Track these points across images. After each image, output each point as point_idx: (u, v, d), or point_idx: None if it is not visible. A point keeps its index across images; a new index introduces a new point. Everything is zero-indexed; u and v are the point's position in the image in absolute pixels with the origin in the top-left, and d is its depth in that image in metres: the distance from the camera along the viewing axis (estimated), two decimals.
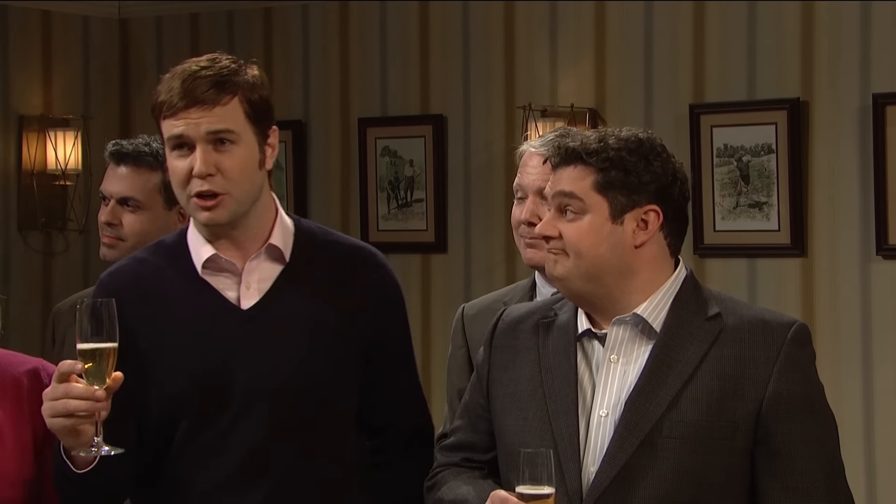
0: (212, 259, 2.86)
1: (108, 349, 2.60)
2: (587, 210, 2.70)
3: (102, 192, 3.68)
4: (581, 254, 2.70)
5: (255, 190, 2.85)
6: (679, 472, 2.61)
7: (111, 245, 3.64)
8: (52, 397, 2.60)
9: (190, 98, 2.78)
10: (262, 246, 2.87)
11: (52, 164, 7.19)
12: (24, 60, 7.22)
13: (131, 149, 3.65)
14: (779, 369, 2.66)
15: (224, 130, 2.79)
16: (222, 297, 2.85)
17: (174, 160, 2.83)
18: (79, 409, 2.58)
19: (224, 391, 2.81)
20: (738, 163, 6.06)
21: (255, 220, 2.87)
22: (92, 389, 2.58)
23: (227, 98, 2.79)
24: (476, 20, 6.71)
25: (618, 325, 2.72)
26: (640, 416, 2.64)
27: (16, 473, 2.81)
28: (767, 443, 2.64)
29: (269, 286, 2.86)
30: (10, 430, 2.82)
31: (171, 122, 2.81)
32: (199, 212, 2.81)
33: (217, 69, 2.80)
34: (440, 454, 2.90)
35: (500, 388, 2.81)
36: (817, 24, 5.92)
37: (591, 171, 2.71)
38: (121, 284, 2.88)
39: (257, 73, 2.86)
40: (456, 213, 6.77)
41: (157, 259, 2.91)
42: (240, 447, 2.80)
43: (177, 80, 2.80)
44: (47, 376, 2.86)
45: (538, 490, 2.52)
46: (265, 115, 2.85)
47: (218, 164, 2.79)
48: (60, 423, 2.60)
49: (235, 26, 7.32)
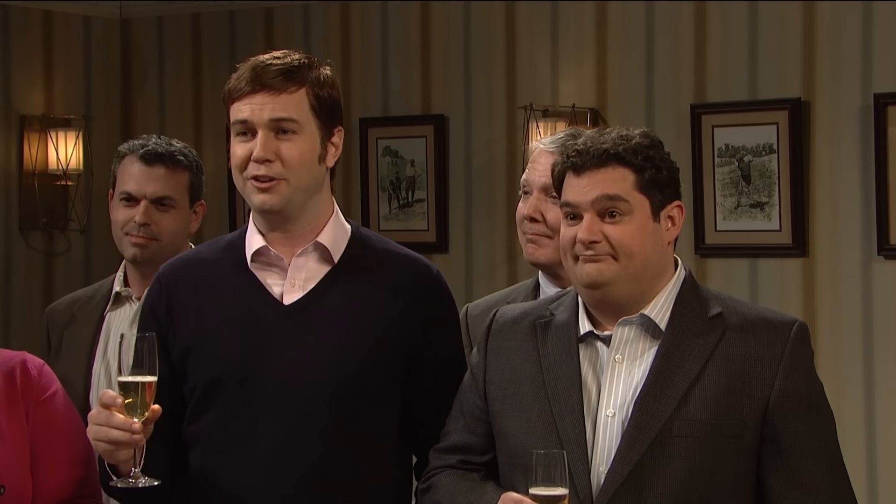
0: (261, 251, 2.90)
1: (147, 383, 2.67)
2: (633, 210, 2.69)
3: (128, 192, 3.64)
4: (632, 254, 2.68)
5: (312, 183, 2.87)
6: (690, 471, 2.62)
7: (145, 245, 3.62)
8: (96, 422, 2.69)
9: (257, 83, 2.83)
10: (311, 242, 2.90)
11: (53, 163, 7.19)
12: (26, 60, 7.22)
13: (164, 149, 3.65)
14: (784, 367, 2.67)
15: (287, 119, 2.83)
16: (266, 290, 2.89)
17: (236, 144, 2.87)
18: (119, 439, 2.66)
19: (256, 382, 2.84)
20: (739, 163, 6.06)
21: (310, 216, 2.89)
22: (130, 422, 2.66)
23: (294, 87, 2.83)
24: (477, 20, 6.71)
25: (623, 325, 2.72)
26: (650, 416, 2.64)
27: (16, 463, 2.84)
28: (774, 440, 2.65)
29: (315, 284, 2.89)
30: (7, 422, 2.85)
31: (237, 105, 2.85)
32: (254, 194, 2.86)
33: (289, 60, 2.86)
34: (435, 456, 2.88)
35: (498, 390, 2.80)
36: (819, 23, 5.92)
37: (629, 170, 2.70)
38: (175, 274, 2.95)
39: (329, 73, 2.90)
40: (457, 213, 6.77)
41: (214, 252, 2.97)
42: (269, 439, 2.83)
43: (248, 68, 2.86)
44: (34, 367, 2.91)
45: (553, 491, 2.52)
46: (332, 113, 2.88)
47: (277, 151, 2.83)
48: (103, 447, 2.69)
49: (237, 26, 7.32)
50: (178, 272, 2.96)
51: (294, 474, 2.82)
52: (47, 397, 2.90)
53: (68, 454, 2.91)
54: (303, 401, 2.83)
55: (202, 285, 2.92)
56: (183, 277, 2.95)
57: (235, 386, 2.85)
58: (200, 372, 2.87)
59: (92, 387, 3.60)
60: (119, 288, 3.69)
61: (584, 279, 2.71)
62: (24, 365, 2.89)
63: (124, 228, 3.63)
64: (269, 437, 2.83)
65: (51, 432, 2.88)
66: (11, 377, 2.87)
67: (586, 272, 2.70)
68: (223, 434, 2.86)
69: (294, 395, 2.83)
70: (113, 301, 3.69)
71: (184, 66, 7.41)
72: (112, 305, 3.69)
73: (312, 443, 2.83)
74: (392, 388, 2.90)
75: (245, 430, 2.84)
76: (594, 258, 2.69)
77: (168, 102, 7.48)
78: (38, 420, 2.87)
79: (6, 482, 2.80)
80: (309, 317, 2.86)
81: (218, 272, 2.93)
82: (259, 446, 2.83)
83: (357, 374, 2.85)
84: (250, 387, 2.84)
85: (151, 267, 3.63)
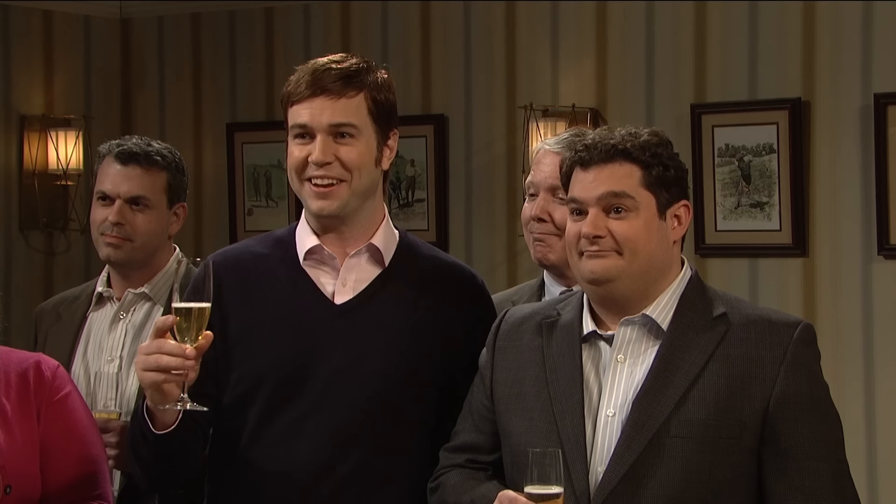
0: (314, 250, 2.92)
1: (202, 309, 2.68)
2: (639, 207, 2.69)
3: (104, 192, 3.63)
4: (637, 251, 2.68)
5: (369, 185, 2.90)
6: (687, 472, 2.61)
7: (118, 245, 3.61)
8: (146, 352, 2.67)
9: (317, 87, 2.84)
10: (365, 244, 2.92)
11: (53, 163, 7.19)
12: (26, 60, 7.22)
13: (140, 149, 3.64)
14: (786, 369, 2.66)
15: (346, 124, 2.85)
16: (318, 289, 2.91)
17: (294, 147, 2.88)
18: (170, 365, 2.64)
19: (304, 379, 2.86)
20: (739, 163, 6.06)
21: (364, 218, 2.91)
22: (183, 347, 2.65)
23: (354, 92, 2.85)
24: (477, 20, 6.71)
25: (626, 325, 2.72)
26: (648, 416, 2.64)
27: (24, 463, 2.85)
28: (774, 442, 2.65)
29: (365, 286, 2.91)
30: (18, 422, 2.86)
31: (296, 108, 2.86)
32: (312, 199, 2.87)
33: (347, 64, 2.87)
34: (444, 456, 2.89)
35: (504, 389, 2.81)
36: (819, 23, 5.92)
37: (636, 167, 2.70)
38: (226, 266, 2.94)
39: (387, 76, 2.92)
40: (457, 213, 6.77)
41: (264, 248, 2.98)
42: (314, 437, 2.84)
43: (307, 71, 2.87)
44: (48, 369, 2.92)
45: (547, 490, 2.52)
46: (389, 117, 2.91)
47: (336, 153, 2.85)
48: (151, 377, 2.66)
49: (237, 26, 7.32)
50: (227, 262, 2.96)
51: (337, 473, 2.84)
52: (60, 398, 2.91)
53: (79, 455, 2.92)
54: (349, 401, 2.85)
55: (253, 278, 2.93)
56: (232, 268, 2.95)
57: (284, 382, 2.86)
58: (248, 364, 2.88)
59: None
60: (101, 288, 3.69)
61: (587, 275, 2.70)
62: (37, 366, 2.91)
63: (100, 228, 3.63)
64: (314, 435, 2.85)
65: (62, 433, 2.89)
66: (25, 378, 2.89)
67: (590, 268, 2.69)
68: (267, 429, 2.87)
69: (341, 395, 2.85)
70: (95, 301, 3.69)
71: (184, 66, 7.41)
72: (94, 306, 3.69)
73: (356, 443, 2.85)
74: (436, 392, 2.92)
75: (290, 427, 2.86)
76: (598, 253, 2.69)
77: (168, 102, 7.48)
78: (50, 421, 2.88)
79: (12, 481, 2.81)
80: (359, 318, 2.89)
81: (269, 267, 2.94)
82: (304, 444, 2.85)
83: (403, 377, 2.88)
84: (298, 384, 2.86)
85: (127, 268, 3.63)
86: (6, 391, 2.87)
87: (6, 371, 2.88)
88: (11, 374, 2.89)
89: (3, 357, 2.91)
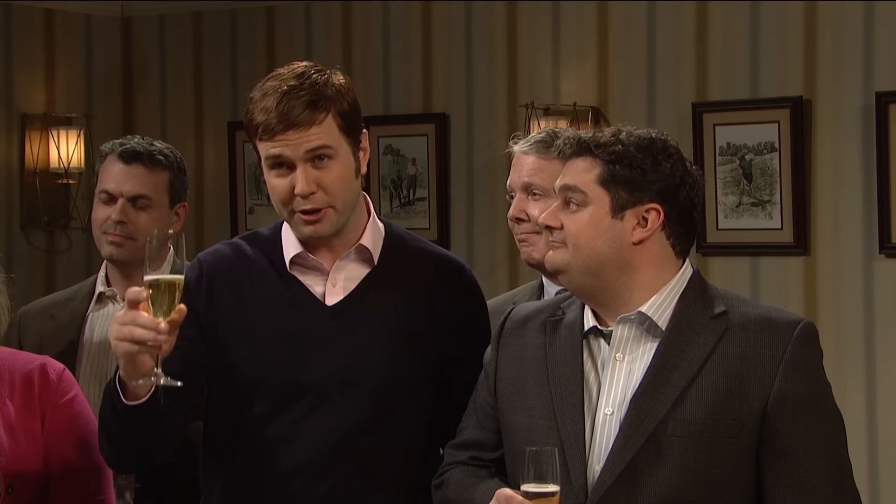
0: (300, 256, 2.91)
1: (174, 281, 2.63)
2: (588, 203, 2.70)
3: (106, 191, 3.65)
4: (578, 246, 2.70)
5: (354, 199, 2.90)
6: (684, 471, 2.61)
7: (120, 244, 3.62)
8: (120, 322, 2.63)
9: (286, 122, 2.80)
10: (353, 247, 2.91)
11: (54, 162, 7.20)
12: (27, 59, 7.22)
13: (143, 148, 3.65)
14: (784, 368, 2.65)
15: (322, 147, 2.83)
16: (309, 291, 2.90)
17: (273, 179, 2.86)
18: (143, 337, 2.60)
19: (301, 382, 2.86)
20: (740, 161, 6.06)
21: (351, 225, 2.92)
22: (156, 321, 2.60)
23: (322, 115, 2.82)
24: (479, 19, 6.71)
25: (623, 323, 2.72)
26: (645, 415, 2.63)
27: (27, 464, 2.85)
28: (773, 441, 2.64)
29: (355, 285, 2.91)
30: (21, 424, 2.86)
31: (268, 143, 2.84)
32: (303, 226, 2.86)
33: (308, 86, 2.82)
34: (449, 452, 2.89)
35: (507, 387, 2.81)
36: (820, 22, 5.92)
37: (597, 163, 2.71)
38: (215, 264, 2.94)
39: (343, 81, 2.89)
40: (458, 212, 6.77)
41: (252, 248, 2.97)
42: (312, 437, 2.84)
43: (271, 101, 2.81)
44: (54, 372, 2.91)
45: (543, 488, 2.52)
46: (356, 123, 2.89)
47: (318, 181, 2.83)
48: (124, 347, 2.61)
49: (238, 25, 7.32)
50: (218, 262, 2.96)
51: (336, 473, 2.85)
52: (65, 402, 2.91)
53: (83, 459, 2.91)
54: (346, 401, 2.85)
55: (243, 279, 2.93)
56: (224, 268, 2.94)
57: (280, 385, 2.86)
58: (243, 369, 2.87)
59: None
60: (102, 288, 3.69)
61: (546, 264, 2.78)
62: (43, 369, 2.91)
63: (102, 227, 3.64)
64: (313, 436, 2.85)
65: (67, 436, 2.89)
66: (29, 380, 2.88)
67: (546, 257, 2.76)
68: (266, 432, 2.87)
69: (339, 395, 2.85)
70: (96, 301, 3.69)
71: (185, 64, 7.41)
72: (95, 305, 3.69)
73: (354, 442, 2.85)
74: (431, 386, 2.92)
75: (289, 430, 2.85)
76: (551, 244, 2.74)
77: (169, 101, 7.48)
78: (54, 424, 2.88)
79: (14, 482, 2.81)
80: (351, 318, 2.89)
81: (257, 269, 2.93)
82: (303, 445, 2.85)
83: (397, 375, 2.88)
84: (295, 387, 2.86)
85: (128, 266, 3.63)
86: (10, 393, 2.87)
87: (10, 373, 2.88)
88: (16, 376, 2.89)
89: (7, 358, 2.91)
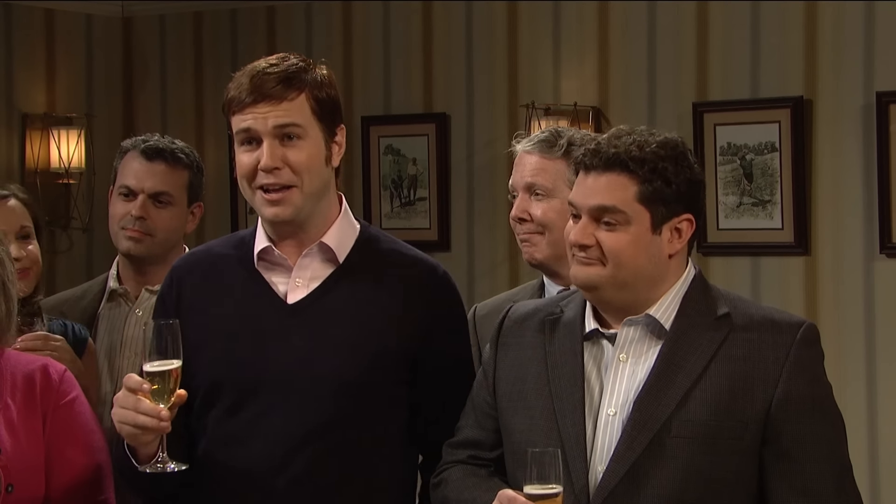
0: (265, 251, 2.91)
1: (173, 370, 2.69)
2: (630, 221, 2.66)
3: (127, 187, 3.66)
4: (622, 264, 2.66)
5: (321, 186, 2.88)
6: (687, 472, 2.61)
7: (139, 239, 3.63)
8: (122, 405, 2.69)
9: (258, 93, 2.82)
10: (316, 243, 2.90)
11: (55, 162, 7.20)
12: (28, 59, 7.22)
13: (164, 145, 3.66)
14: (788, 370, 2.65)
15: (291, 124, 2.83)
16: (271, 289, 2.90)
17: (241, 154, 2.87)
18: (146, 424, 2.67)
19: (257, 380, 2.85)
20: (741, 161, 6.06)
21: (318, 219, 2.90)
22: (158, 408, 2.67)
23: (295, 94, 2.83)
24: (479, 19, 6.71)
25: (629, 325, 2.71)
26: (649, 416, 2.63)
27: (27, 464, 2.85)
28: (776, 443, 2.64)
29: (318, 284, 2.90)
30: (23, 422, 2.87)
31: (239, 116, 2.85)
32: (265, 207, 2.86)
33: (285, 66, 2.85)
34: (447, 451, 2.89)
35: (506, 386, 2.81)
36: (821, 22, 5.92)
37: (634, 181, 2.66)
38: (186, 268, 2.98)
39: (326, 73, 2.90)
40: (459, 212, 6.77)
41: (225, 248, 2.98)
42: (269, 436, 2.84)
43: (246, 77, 2.85)
44: (55, 373, 2.93)
45: (546, 489, 2.52)
46: (333, 114, 2.89)
47: (284, 158, 2.83)
48: (128, 430, 2.70)
49: (239, 25, 7.32)
50: (189, 266, 2.99)
51: (292, 472, 2.83)
52: (66, 402, 2.91)
53: (84, 460, 2.92)
54: (301, 399, 2.84)
55: (210, 281, 2.94)
56: (193, 272, 2.97)
57: (237, 383, 2.86)
58: (205, 369, 2.87)
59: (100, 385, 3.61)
60: (114, 285, 3.69)
61: (573, 279, 2.73)
62: (45, 369, 2.91)
63: (121, 222, 3.65)
64: (269, 434, 2.84)
65: (68, 437, 2.90)
66: (31, 380, 2.89)
67: (574, 273, 2.71)
68: (224, 431, 2.87)
69: (295, 394, 2.84)
70: (107, 298, 3.70)
71: (186, 64, 7.41)
72: (107, 303, 3.70)
73: (312, 441, 2.83)
74: (396, 388, 2.90)
75: (246, 428, 2.85)
76: (585, 261, 2.69)
77: (170, 101, 7.48)
78: (55, 424, 2.89)
79: (14, 481, 2.81)
80: (311, 316, 2.87)
81: (226, 269, 2.95)
82: (259, 443, 2.84)
83: (358, 373, 2.85)
84: (253, 386, 2.85)
85: (144, 263, 3.64)
86: (12, 393, 2.88)
87: (13, 373, 2.89)
88: (18, 376, 2.90)
89: (10, 359, 2.92)
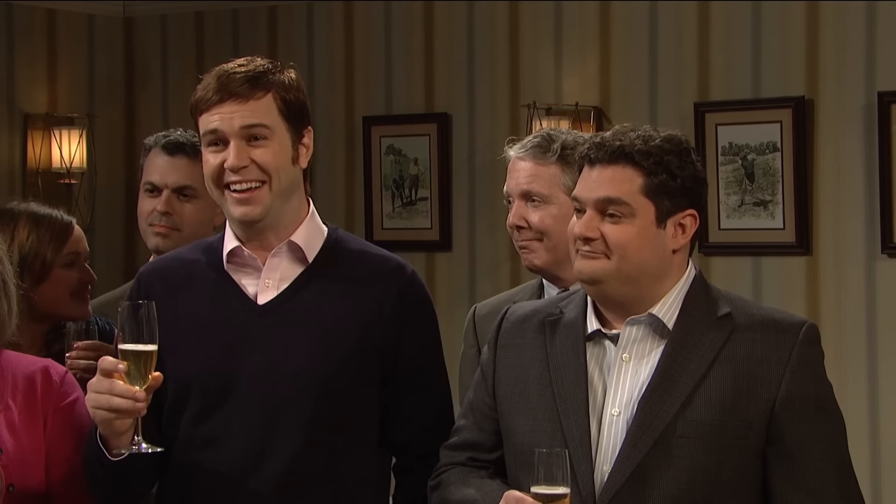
0: (234, 252, 2.91)
1: (149, 351, 2.67)
2: (635, 214, 2.67)
3: (152, 183, 3.67)
4: (626, 257, 2.67)
5: (289, 186, 2.89)
6: (693, 472, 2.61)
7: (166, 235, 3.64)
8: (97, 390, 2.67)
9: (225, 92, 2.83)
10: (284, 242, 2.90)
11: (56, 162, 7.20)
12: (30, 59, 7.23)
13: (186, 139, 3.67)
14: (791, 369, 2.66)
15: (257, 125, 2.84)
16: (240, 290, 2.90)
17: (208, 155, 2.87)
18: (120, 406, 2.65)
19: (229, 382, 2.85)
20: (742, 161, 6.06)
21: (286, 219, 2.90)
22: (133, 389, 2.65)
23: (261, 93, 2.85)
24: (481, 19, 6.71)
25: (632, 324, 2.71)
26: (654, 416, 2.63)
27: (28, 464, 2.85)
28: (780, 442, 2.64)
29: (288, 284, 2.89)
30: (24, 424, 2.87)
31: (206, 116, 2.86)
32: (234, 206, 2.86)
33: (252, 66, 2.87)
34: (445, 453, 2.88)
35: (507, 387, 2.80)
36: (822, 22, 5.92)
37: (639, 173, 2.67)
38: (153, 274, 2.98)
39: (294, 76, 2.92)
40: (460, 212, 6.77)
41: (194, 254, 2.98)
42: (241, 438, 2.83)
43: (213, 77, 2.87)
44: (56, 374, 2.93)
45: (554, 490, 2.52)
46: (300, 115, 2.90)
47: (251, 157, 2.84)
48: (103, 414, 2.68)
49: (240, 25, 7.32)
50: (157, 272, 2.99)
51: (265, 474, 2.83)
52: (67, 404, 2.91)
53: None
54: (274, 400, 2.84)
55: (179, 286, 2.93)
56: (161, 277, 2.96)
57: (209, 386, 2.86)
58: (176, 372, 2.86)
59: None
60: None
61: (577, 273, 2.73)
62: (46, 371, 2.92)
63: (148, 219, 3.67)
64: (240, 436, 2.84)
65: (69, 439, 2.90)
66: (32, 382, 2.89)
67: (579, 267, 2.71)
68: (197, 433, 2.87)
69: (266, 395, 2.84)
70: None
71: (187, 64, 7.41)
72: None
73: (283, 442, 2.83)
74: (366, 387, 2.90)
75: (218, 430, 2.85)
76: (589, 254, 2.69)
77: (171, 101, 7.48)
78: (56, 426, 2.89)
79: (15, 480, 2.81)
80: (282, 317, 2.87)
81: (195, 273, 2.94)
82: (231, 445, 2.84)
83: (329, 373, 2.85)
84: (223, 387, 2.85)
85: None
86: (13, 394, 2.88)
87: (14, 374, 2.90)
88: (19, 378, 2.90)
89: (11, 360, 2.93)
